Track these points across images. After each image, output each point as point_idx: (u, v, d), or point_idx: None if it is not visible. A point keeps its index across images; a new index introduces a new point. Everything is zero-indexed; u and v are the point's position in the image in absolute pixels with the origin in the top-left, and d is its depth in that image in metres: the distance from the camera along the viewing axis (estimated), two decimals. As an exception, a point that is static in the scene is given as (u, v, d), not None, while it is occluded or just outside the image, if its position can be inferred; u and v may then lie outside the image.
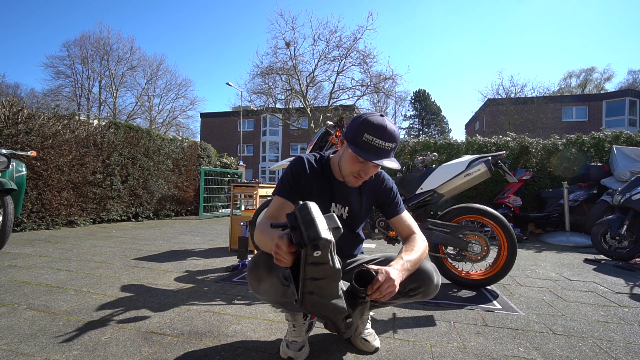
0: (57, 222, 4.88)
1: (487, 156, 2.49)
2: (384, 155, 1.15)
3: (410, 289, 1.21)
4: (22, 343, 1.39)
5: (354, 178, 1.24)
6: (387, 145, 1.14)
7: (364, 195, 1.36)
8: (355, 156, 1.18)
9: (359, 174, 1.22)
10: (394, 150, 1.18)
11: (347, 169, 1.24)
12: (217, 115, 33.78)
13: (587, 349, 1.46)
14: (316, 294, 0.94)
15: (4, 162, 3.18)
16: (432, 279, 1.21)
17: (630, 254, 3.46)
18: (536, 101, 21.65)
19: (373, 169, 1.22)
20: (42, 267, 2.62)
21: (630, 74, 31.95)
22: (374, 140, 1.13)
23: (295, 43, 15.44)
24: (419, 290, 1.21)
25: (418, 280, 1.20)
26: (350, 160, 1.21)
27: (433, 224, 2.39)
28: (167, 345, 1.41)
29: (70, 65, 25.58)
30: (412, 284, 1.20)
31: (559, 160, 5.64)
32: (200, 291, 2.16)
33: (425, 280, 1.21)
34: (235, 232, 3.52)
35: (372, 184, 1.37)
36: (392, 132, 1.15)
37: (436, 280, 1.23)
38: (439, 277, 1.26)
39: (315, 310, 1.02)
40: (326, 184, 1.33)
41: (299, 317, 1.33)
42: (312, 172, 1.31)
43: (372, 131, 1.13)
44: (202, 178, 7.32)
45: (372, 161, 1.14)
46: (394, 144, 1.16)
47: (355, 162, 1.20)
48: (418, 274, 1.20)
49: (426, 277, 1.21)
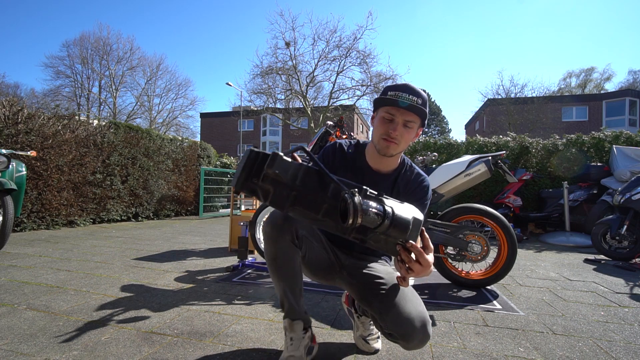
0: (57, 222, 4.87)
1: (487, 156, 2.49)
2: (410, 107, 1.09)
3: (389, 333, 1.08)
4: (22, 343, 1.39)
5: (384, 142, 1.15)
6: (411, 98, 1.09)
7: (397, 188, 1.26)
8: (382, 117, 1.14)
9: (388, 133, 1.13)
10: (423, 107, 1.10)
11: (376, 135, 1.17)
12: (217, 115, 33.79)
13: (587, 349, 1.46)
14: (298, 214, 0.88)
15: (4, 162, 3.18)
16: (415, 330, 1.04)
17: (630, 254, 3.46)
18: (536, 101, 21.66)
19: (401, 127, 1.12)
20: (42, 267, 2.62)
21: (630, 74, 31.97)
22: (397, 94, 1.09)
23: (295, 43, 15.47)
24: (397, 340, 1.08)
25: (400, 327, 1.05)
26: (378, 122, 1.16)
27: (433, 224, 2.39)
28: (167, 345, 1.41)
29: (70, 65, 25.60)
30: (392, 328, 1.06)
31: (559, 160, 5.64)
32: (200, 291, 2.16)
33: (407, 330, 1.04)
34: (235, 232, 3.52)
35: (408, 178, 1.27)
36: (415, 88, 1.11)
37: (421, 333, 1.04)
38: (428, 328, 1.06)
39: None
40: (357, 170, 1.26)
41: (297, 328, 1.22)
42: (341, 156, 1.28)
43: (395, 88, 1.11)
44: (202, 178, 7.32)
45: (396, 105, 1.08)
46: (419, 98, 1.10)
47: (383, 122, 1.14)
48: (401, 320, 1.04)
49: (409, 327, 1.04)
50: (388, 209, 0.83)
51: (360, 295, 1.20)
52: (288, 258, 1.16)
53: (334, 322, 1.70)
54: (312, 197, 0.85)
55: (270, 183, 0.83)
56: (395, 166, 1.27)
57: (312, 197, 0.85)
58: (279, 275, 1.18)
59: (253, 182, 0.84)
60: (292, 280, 1.19)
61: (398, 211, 0.84)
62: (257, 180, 0.83)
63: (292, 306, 1.22)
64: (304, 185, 0.85)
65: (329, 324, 1.67)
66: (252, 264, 2.84)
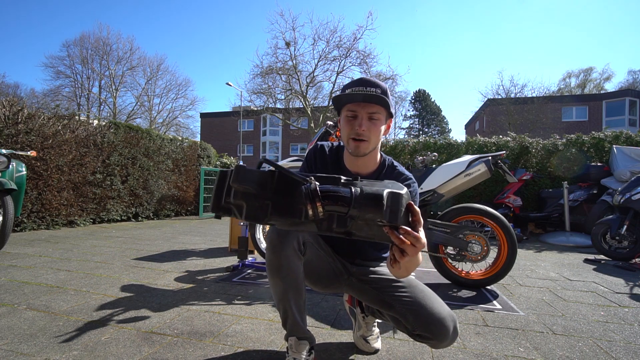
0: (57, 222, 4.87)
1: (487, 156, 2.49)
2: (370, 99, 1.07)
3: (418, 334, 1.06)
4: (22, 343, 1.39)
5: (353, 142, 1.11)
6: (369, 89, 1.07)
7: None
8: (345, 116, 1.12)
9: (356, 132, 1.09)
10: (384, 97, 1.07)
11: (345, 135, 1.14)
12: (217, 115, 33.81)
13: (587, 349, 1.46)
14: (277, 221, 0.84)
15: (4, 162, 3.18)
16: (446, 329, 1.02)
17: (630, 254, 3.46)
18: (536, 101, 21.67)
19: (367, 122, 1.09)
20: (42, 267, 2.62)
21: (630, 74, 31.99)
22: (354, 89, 1.08)
23: (296, 43, 15.47)
24: (428, 340, 1.06)
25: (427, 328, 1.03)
26: (343, 122, 1.13)
27: (433, 224, 2.39)
28: (167, 345, 1.41)
29: (70, 66, 25.64)
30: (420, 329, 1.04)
31: (559, 160, 5.64)
32: (200, 291, 2.16)
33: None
34: (235, 232, 3.52)
35: (389, 179, 1.20)
36: (372, 80, 1.09)
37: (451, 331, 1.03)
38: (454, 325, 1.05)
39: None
40: (336, 173, 1.18)
41: (303, 349, 1.15)
42: (322, 160, 1.26)
43: (351, 85, 1.11)
44: (202, 178, 7.32)
45: (355, 99, 1.07)
46: (377, 89, 1.08)
47: (347, 121, 1.12)
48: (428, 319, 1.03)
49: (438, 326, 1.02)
50: (356, 189, 0.77)
51: (376, 299, 1.16)
52: (293, 268, 1.09)
53: (334, 322, 1.70)
54: (288, 202, 0.80)
55: (241, 197, 0.80)
56: (374, 167, 1.22)
57: (287, 202, 0.80)
58: (283, 287, 1.09)
59: (226, 201, 0.81)
60: (297, 292, 1.11)
61: (368, 188, 0.78)
62: (229, 199, 0.80)
63: (297, 322, 1.13)
64: (276, 192, 0.80)
65: (329, 324, 1.67)
66: (252, 264, 2.84)
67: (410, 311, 1.06)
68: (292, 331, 1.15)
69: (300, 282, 1.12)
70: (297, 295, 1.11)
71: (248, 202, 0.80)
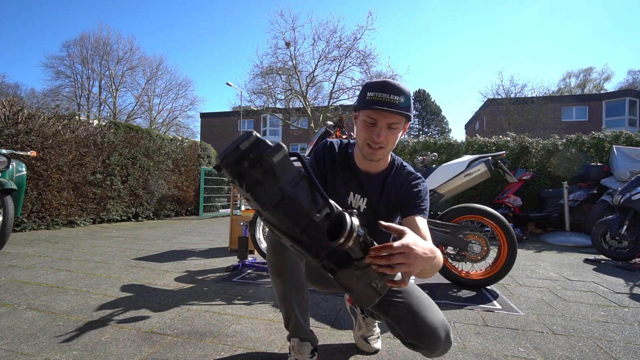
0: (57, 222, 4.87)
1: (487, 156, 2.49)
2: (392, 108, 1.03)
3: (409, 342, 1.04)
4: (22, 343, 1.39)
5: (368, 148, 1.09)
6: (392, 98, 1.03)
7: (387, 190, 1.19)
8: (364, 120, 1.08)
9: (372, 139, 1.07)
10: (406, 106, 1.05)
11: (360, 139, 1.11)
12: (217, 115, 33.79)
13: (587, 349, 1.46)
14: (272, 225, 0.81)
15: (4, 162, 3.18)
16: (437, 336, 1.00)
17: (630, 254, 3.46)
18: (536, 101, 21.65)
19: (385, 131, 1.06)
20: (42, 267, 2.62)
21: (630, 74, 31.94)
22: (377, 95, 1.03)
23: (295, 43, 15.44)
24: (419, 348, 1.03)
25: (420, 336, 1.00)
26: (361, 126, 1.10)
27: (433, 224, 2.39)
28: (167, 345, 1.41)
29: (70, 66, 25.58)
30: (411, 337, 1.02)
31: (559, 160, 5.64)
32: (200, 291, 2.16)
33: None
34: (235, 232, 3.52)
35: (399, 179, 1.20)
36: (395, 85, 1.04)
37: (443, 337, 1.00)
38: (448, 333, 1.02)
39: None
40: (347, 171, 1.21)
41: (305, 351, 1.15)
42: (331, 157, 1.23)
43: (374, 88, 1.05)
44: (202, 178, 7.32)
45: (375, 108, 1.03)
46: (401, 97, 1.04)
47: (365, 126, 1.08)
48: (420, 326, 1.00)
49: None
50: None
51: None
52: (296, 268, 1.08)
53: (334, 322, 1.70)
54: (298, 208, 0.76)
55: (263, 173, 0.74)
56: (384, 167, 1.21)
57: (298, 208, 0.76)
58: (286, 288, 1.09)
59: (243, 165, 0.73)
60: (300, 293, 1.11)
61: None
62: (247, 164, 0.73)
63: (300, 323, 1.13)
64: (296, 194, 0.76)
65: (329, 324, 1.67)
66: (252, 264, 2.84)
67: (403, 318, 1.04)
68: (295, 332, 1.15)
69: (303, 282, 1.11)
70: (299, 296, 1.11)
71: (266, 182, 0.75)
